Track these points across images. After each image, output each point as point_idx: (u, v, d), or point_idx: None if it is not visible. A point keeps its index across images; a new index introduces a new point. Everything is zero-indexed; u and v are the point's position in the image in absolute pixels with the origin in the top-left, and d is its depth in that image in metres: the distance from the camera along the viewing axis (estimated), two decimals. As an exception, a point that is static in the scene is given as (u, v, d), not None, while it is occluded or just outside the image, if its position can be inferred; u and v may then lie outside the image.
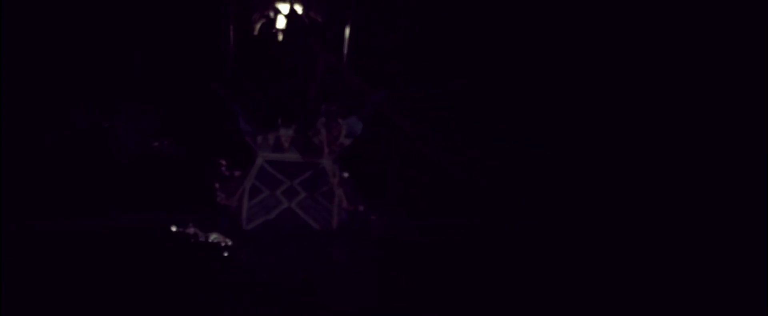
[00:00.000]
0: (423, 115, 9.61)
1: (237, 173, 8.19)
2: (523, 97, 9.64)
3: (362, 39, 9.12)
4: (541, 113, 9.59)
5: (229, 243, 7.49)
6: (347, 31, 8.10)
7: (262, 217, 7.98)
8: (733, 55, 9.15)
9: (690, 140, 9.25)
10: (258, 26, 8.12)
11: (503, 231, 8.14)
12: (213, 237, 7.58)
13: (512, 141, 9.51)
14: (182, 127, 8.67)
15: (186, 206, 8.08)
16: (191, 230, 7.72)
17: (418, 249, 7.48)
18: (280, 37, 8.06)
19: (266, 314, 5.75)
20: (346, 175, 8.09)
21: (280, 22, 8.04)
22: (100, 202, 8.18)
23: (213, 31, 8.17)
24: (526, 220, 8.44)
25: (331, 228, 7.98)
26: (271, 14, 7.99)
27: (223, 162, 8.28)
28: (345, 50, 8.06)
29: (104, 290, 6.02)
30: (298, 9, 8.04)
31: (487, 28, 9.50)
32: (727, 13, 9.21)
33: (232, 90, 8.14)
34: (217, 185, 8.12)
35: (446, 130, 9.65)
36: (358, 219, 8.06)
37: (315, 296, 6.18)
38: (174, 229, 7.64)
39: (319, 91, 8.13)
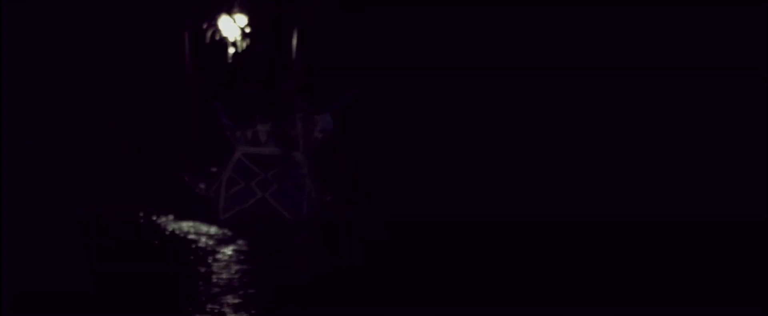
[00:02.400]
0: (404, 113, 9.78)
1: (215, 166, 8.60)
2: (509, 96, 9.75)
3: (346, 38, 9.35)
4: (523, 113, 9.69)
5: (204, 233, 7.72)
6: (295, 36, 8.46)
7: (237, 207, 8.37)
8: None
9: (668, 137, 9.28)
10: (209, 35, 8.59)
11: (495, 226, 8.27)
12: (189, 226, 7.92)
13: (501, 140, 9.61)
14: (163, 127, 9.04)
15: (164, 197, 8.46)
16: (169, 218, 8.09)
17: (407, 243, 7.61)
18: (240, 44, 8.46)
19: (266, 312, 5.74)
20: (314, 167, 8.43)
21: (228, 32, 8.45)
22: (92, 195, 8.60)
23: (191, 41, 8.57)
24: (522, 215, 8.61)
25: (301, 217, 8.31)
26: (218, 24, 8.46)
27: (199, 157, 8.70)
28: (294, 54, 8.40)
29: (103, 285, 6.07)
30: (243, 18, 8.47)
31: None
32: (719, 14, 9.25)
33: (212, 92, 8.52)
34: (187, 178, 8.53)
35: (429, 130, 9.78)
36: (325, 209, 8.37)
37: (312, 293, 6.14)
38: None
39: (293, 90, 8.44)
